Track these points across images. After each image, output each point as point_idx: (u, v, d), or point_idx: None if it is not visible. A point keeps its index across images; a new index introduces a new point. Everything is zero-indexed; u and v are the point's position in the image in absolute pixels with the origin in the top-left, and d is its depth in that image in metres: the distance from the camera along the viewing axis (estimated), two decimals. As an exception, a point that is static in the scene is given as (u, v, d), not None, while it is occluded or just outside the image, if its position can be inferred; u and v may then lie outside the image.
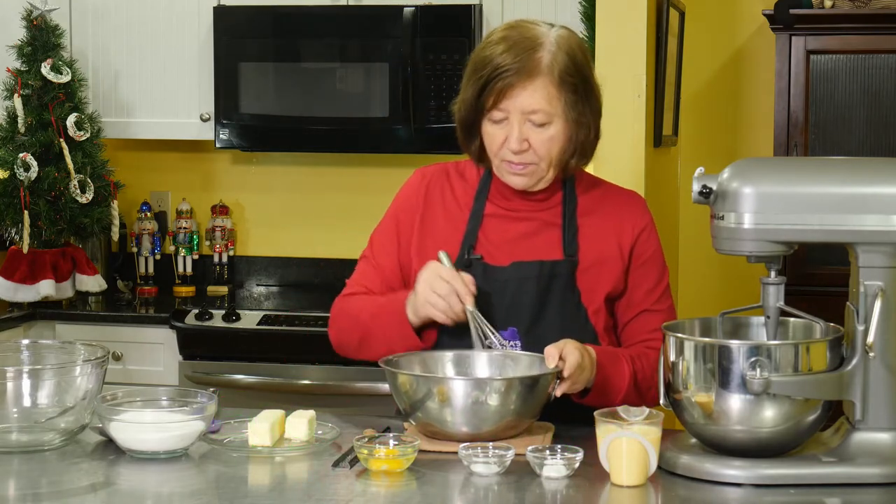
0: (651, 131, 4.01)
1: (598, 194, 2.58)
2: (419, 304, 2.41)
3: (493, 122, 2.46)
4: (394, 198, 2.64)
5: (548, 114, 2.42)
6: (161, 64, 4.52)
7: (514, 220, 2.54)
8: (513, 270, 2.49)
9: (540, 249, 2.51)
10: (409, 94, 4.23)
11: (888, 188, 2.13)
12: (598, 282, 2.51)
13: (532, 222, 2.54)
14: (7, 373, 2.32)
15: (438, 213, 2.57)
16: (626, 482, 2.09)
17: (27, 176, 4.24)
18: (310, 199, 4.79)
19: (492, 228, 2.54)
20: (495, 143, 2.46)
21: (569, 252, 2.51)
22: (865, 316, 2.14)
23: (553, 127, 2.44)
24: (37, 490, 2.13)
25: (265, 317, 4.19)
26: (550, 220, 2.54)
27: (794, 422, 2.13)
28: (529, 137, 2.44)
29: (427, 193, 2.59)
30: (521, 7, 4.19)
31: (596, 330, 2.50)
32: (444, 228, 2.56)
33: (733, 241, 2.17)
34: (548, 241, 2.52)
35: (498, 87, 2.41)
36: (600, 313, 2.51)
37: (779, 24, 4.44)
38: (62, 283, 4.35)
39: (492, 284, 2.48)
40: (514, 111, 2.42)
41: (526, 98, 2.41)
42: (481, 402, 2.24)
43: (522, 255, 2.51)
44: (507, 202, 2.55)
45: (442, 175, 2.62)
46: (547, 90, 2.41)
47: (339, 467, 2.19)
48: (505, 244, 2.53)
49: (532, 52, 2.41)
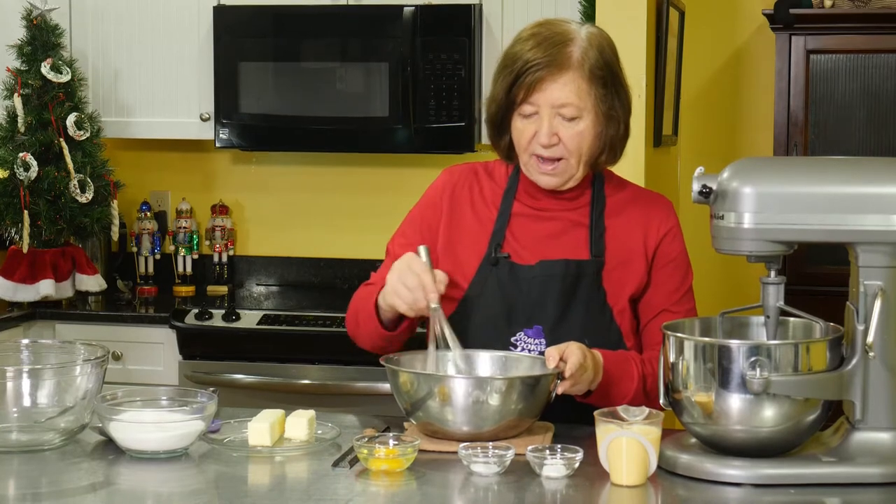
0: (651, 131, 4.01)
1: (626, 196, 2.58)
2: (387, 293, 2.42)
3: (523, 117, 2.46)
4: (421, 196, 2.65)
5: (578, 108, 2.43)
6: (161, 64, 4.52)
7: (542, 219, 2.55)
8: (539, 269, 2.50)
9: (567, 249, 2.52)
10: (408, 93, 4.23)
11: (888, 188, 2.13)
12: (623, 282, 2.51)
13: (559, 222, 2.54)
14: (7, 373, 2.32)
15: (467, 212, 2.58)
16: (626, 482, 2.09)
17: (27, 176, 4.24)
18: (309, 198, 4.79)
19: (519, 227, 2.55)
20: (524, 138, 2.47)
21: (595, 252, 2.51)
22: (865, 316, 2.14)
23: (583, 122, 2.44)
24: (37, 490, 2.13)
25: (265, 316, 4.19)
26: (578, 219, 2.54)
27: (794, 422, 2.13)
28: (559, 132, 2.44)
29: (453, 193, 2.60)
30: (521, 7, 4.19)
31: (621, 330, 2.51)
32: (472, 227, 2.56)
33: (733, 241, 2.17)
34: (575, 240, 2.53)
35: (528, 81, 2.42)
36: (625, 313, 2.51)
37: (779, 24, 4.45)
38: (62, 282, 4.35)
39: (518, 283, 2.50)
40: (545, 105, 2.43)
41: (556, 91, 2.42)
42: (482, 401, 2.24)
43: (549, 254, 2.51)
44: (535, 201, 2.55)
45: (470, 174, 2.62)
46: (577, 84, 2.42)
47: (339, 467, 2.19)
48: (532, 243, 2.53)
49: (563, 46, 2.43)
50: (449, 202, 2.59)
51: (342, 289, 4.72)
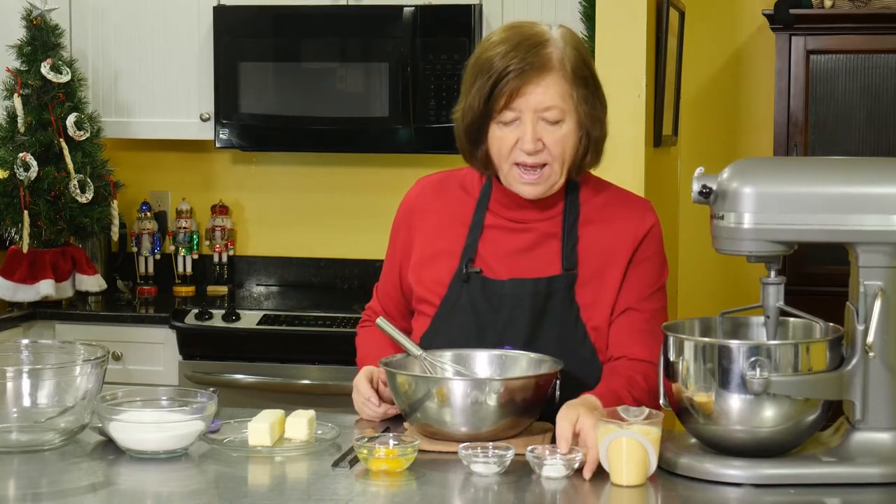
0: (651, 131, 4.01)
1: (603, 200, 2.51)
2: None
3: (503, 125, 2.39)
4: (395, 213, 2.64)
5: (562, 110, 2.38)
6: (161, 64, 4.52)
7: (514, 231, 2.49)
8: (509, 287, 2.45)
9: (538, 264, 2.47)
10: (408, 94, 4.23)
11: (888, 188, 2.13)
12: (599, 295, 2.46)
13: (532, 234, 2.48)
14: (7, 373, 2.32)
15: (436, 227, 2.54)
16: (626, 482, 2.09)
17: (27, 176, 4.24)
18: (310, 199, 4.79)
19: (491, 240, 2.50)
20: (506, 147, 2.40)
21: (567, 265, 2.45)
22: (865, 316, 2.14)
23: (566, 125, 2.39)
24: (37, 490, 2.13)
25: (265, 317, 4.19)
26: (551, 230, 2.48)
27: (794, 422, 2.13)
28: (543, 136, 2.38)
29: (422, 208, 2.57)
30: (521, 7, 4.19)
31: (595, 346, 2.45)
32: (443, 242, 2.52)
33: (733, 241, 2.17)
34: (547, 253, 2.47)
35: (509, 87, 2.35)
36: (600, 330, 2.45)
37: (779, 24, 4.45)
38: (62, 282, 4.35)
39: (490, 299, 2.46)
40: (527, 110, 2.37)
41: (539, 95, 2.36)
42: (480, 402, 2.24)
43: (521, 269, 2.46)
44: (508, 212, 2.49)
45: (441, 186, 2.58)
46: (560, 86, 2.37)
47: (339, 467, 2.19)
48: (504, 257, 2.48)
49: (540, 48, 2.37)
50: (419, 220, 2.56)
51: (342, 289, 4.73)
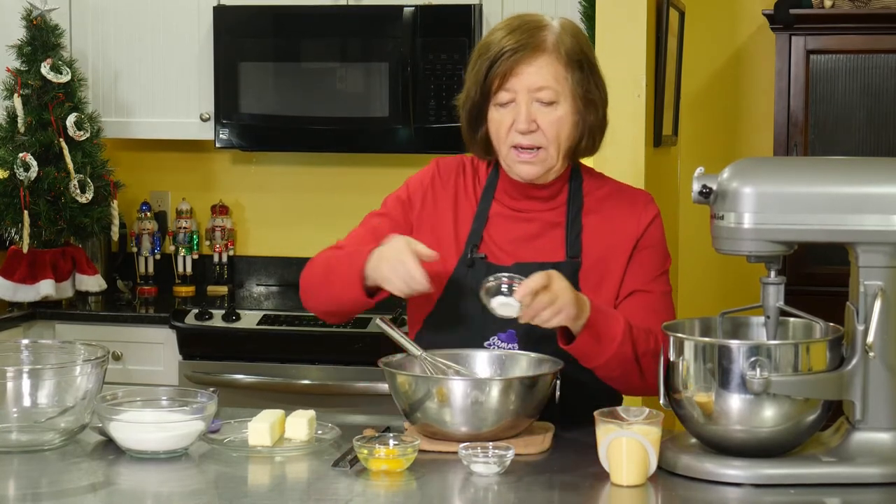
0: (651, 131, 4.01)
1: (606, 192, 2.56)
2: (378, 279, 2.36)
3: (500, 106, 2.45)
4: (405, 181, 2.63)
5: (555, 91, 2.42)
6: (161, 64, 4.52)
7: (519, 220, 2.53)
8: (514, 271, 2.47)
9: (543, 251, 2.51)
10: (408, 94, 4.23)
11: (888, 188, 2.13)
12: (602, 283, 2.49)
13: (536, 223, 2.53)
14: (7, 373, 2.32)
15: (447, 210, 2.57)
16: (626, 482, 2.09)
17: (27, 176, 4.24)
18: (310, 199, 4.79)
19: (496, 228, 2.53)
20: (503, 128, 2.45)
21: (571, 253, 2.50)
22: (865, 316, 2.14)
23: (561, 107, 2.43)
24: (37, 490, 2.13)
25: (265, 317, 4.19)
26: (555, 220, 2.53)
27: (794, 422, 2.13)
28: (537, 118, 2.43)
29: (436, 187, 2.58)
30: (521, 7, 4.18)
31: None
32: (450, 226, 2.55)
33: (733, 241, 2.17)
34: (551, 241, 2.51)
35: (504, 67, 2.41)
36: None
37: (779, 24, 4.44)
38: (62, 282, 4.35)
39: None
40: (521, 90, 2.42)
41: (532, 75, 2.41)
42: (480, 402, 2.24)
43: (525, 256, 2.50)
44: (513, 202, 2.54)
45: (458, 168, 2.61)
46: (553, 67, 2.42)
47: (339, 467, 2.19)
48: (509, 244, 2.52)
49: (536, 31, 2.43)
50: (431, 196, 2.58)
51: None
